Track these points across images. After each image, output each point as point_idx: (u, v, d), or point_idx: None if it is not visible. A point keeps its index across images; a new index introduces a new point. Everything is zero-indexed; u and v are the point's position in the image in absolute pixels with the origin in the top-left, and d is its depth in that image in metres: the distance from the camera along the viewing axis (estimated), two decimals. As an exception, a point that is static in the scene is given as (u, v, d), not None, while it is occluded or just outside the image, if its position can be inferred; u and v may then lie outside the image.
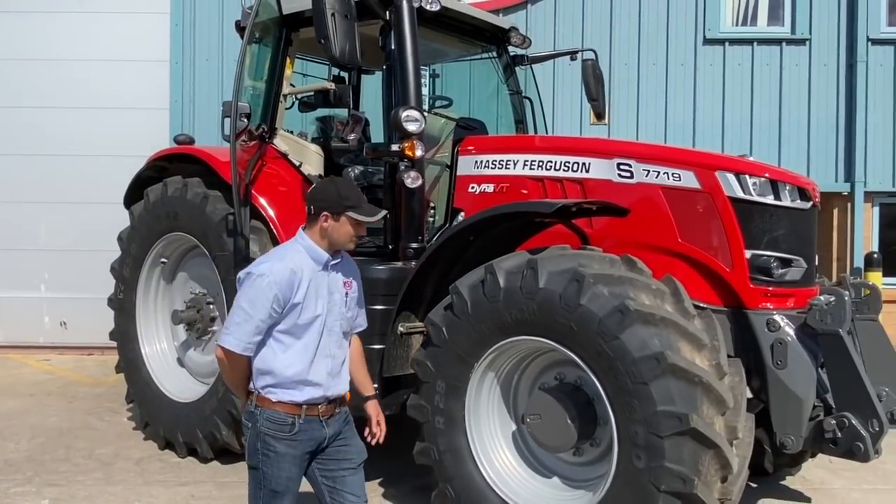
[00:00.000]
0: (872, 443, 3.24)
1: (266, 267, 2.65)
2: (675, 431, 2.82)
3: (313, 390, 2.68)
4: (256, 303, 2.59)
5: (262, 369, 2.67)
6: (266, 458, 2.65)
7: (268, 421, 2.65)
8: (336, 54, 3.78)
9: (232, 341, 2.63)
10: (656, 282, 3.21)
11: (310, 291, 2.67)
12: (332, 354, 2.75)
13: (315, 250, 2.74)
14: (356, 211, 2.73)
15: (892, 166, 9.15)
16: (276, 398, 2.65)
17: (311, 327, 2.67)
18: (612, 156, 3.96)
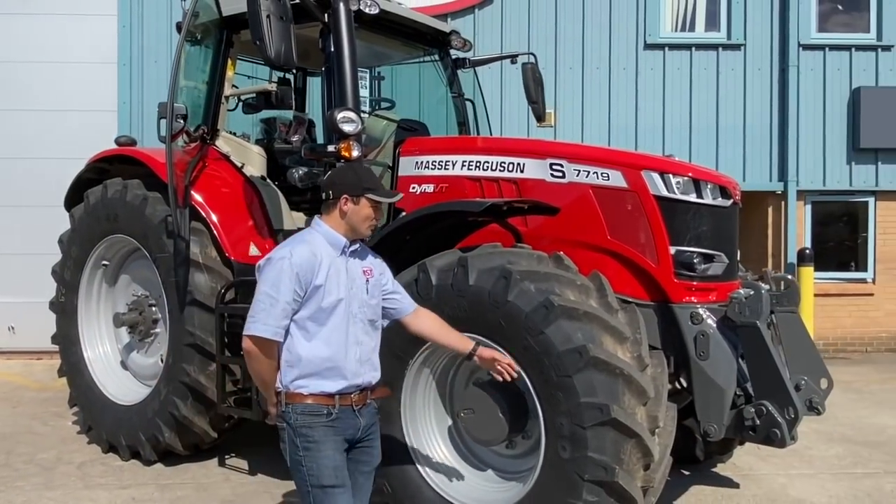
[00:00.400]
0: (788, 429, 3.42)
1: (286, 251, 2.62)
2: (597, 422, 2.94)
3: (344, 379, 2.62)
4: (280, 285, 2.53)
5: (290, 360, 2.60)
6: (307, 452, 2.57)
7: (301, 414, 2.58)
8: (272, 56, 3.81)
9: (261, 327, 2.54)
10: (582, 278, 3.33)
11: (331, 274, 2.62)
12: (360, 342, 2.69)
13: (333, 235, 2.71)
14: (375, 193, 2.72)
15: (822, 166, 9.55)
16: (308, 391, 2.58)
17: (335, 312, 2.61)
18: (545, 156, 4.09)
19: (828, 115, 9.53)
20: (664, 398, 3.18)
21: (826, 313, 9.61)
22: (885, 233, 9.68)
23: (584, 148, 4.21)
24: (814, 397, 3.90)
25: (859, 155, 9.53)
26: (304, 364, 2.58)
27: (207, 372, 4.59)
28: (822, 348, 9.49)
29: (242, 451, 5.21)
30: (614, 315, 3.20)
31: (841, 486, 4.60)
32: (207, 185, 4.82)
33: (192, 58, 5.27)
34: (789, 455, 5.24)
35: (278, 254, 2.62)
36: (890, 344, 9.69)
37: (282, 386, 2.63)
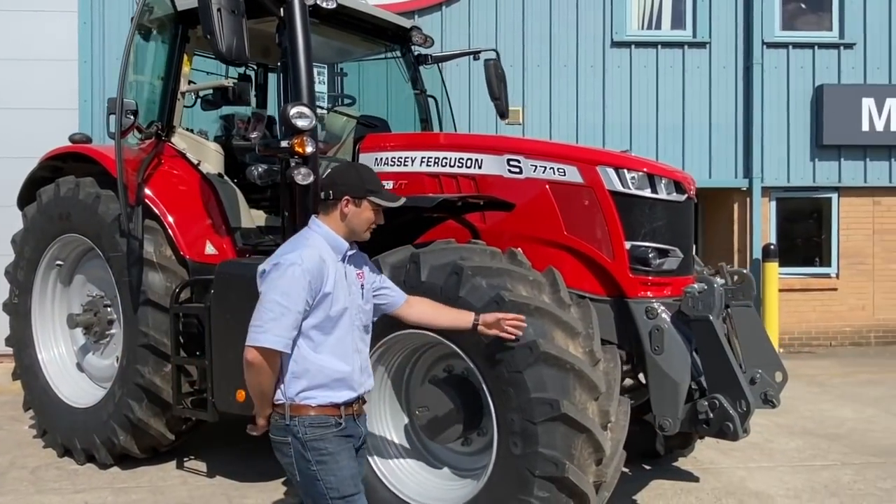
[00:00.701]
0: (741, 422, 3.44)
1: (296, 255, 2.44)
2: (547, 417, 2.93)
3: (351, 389, 2.53)
4: (292, 293, 2.38)
5: (297, 371, 2.45)
6: (322, 465, 2.44)
7: (310, 427, 2.44)
8: (223, 50, 3.75)
9: (272, 338, 2.37)
10: (535, 273, 3.32)
11: (337, 280, 2.50)
12: (359, 349, 2.61)
13: (334, 238, 2.58)
14: (378, 196, 2.59)
15: (786, 163, 9.67)
16: (316, 402, 2.46)
17: (340, 320, 2.50)
18: (503, 152, 4.07)
19: (791, 113, 9.66)
20: (616, 393, 3.17)
21: (791, 308, 9.74)
22: (848, 228, 9.82)
23: (541, 143, 4.20)
24: (769, 390, 3.93)
25: (822, 152, 9.66)
26: (313, 375, 2.46)
27: (162, 373, 4.51)
28: (787, 343, 9.64)
29: (201, 452, 5.12)
30: (566, 310, 3.18)
31: (799, 479, 4.64)
32: (162, 183, 4.74)
33: (148, 53, 5.19)
34: (750, 448, 5.29)
35: (287, 259, 2.44)
36: (853, 338, 9.85)
37: (284, 398, 2.48)
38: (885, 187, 9.77)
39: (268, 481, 4.59)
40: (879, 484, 4.53)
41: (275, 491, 4.46)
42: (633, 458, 4.83)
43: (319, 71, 4.83)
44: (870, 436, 5.57)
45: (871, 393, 7.00)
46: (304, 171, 3.95)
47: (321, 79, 4.86)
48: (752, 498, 4.33)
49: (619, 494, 4.34)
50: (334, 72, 6.37)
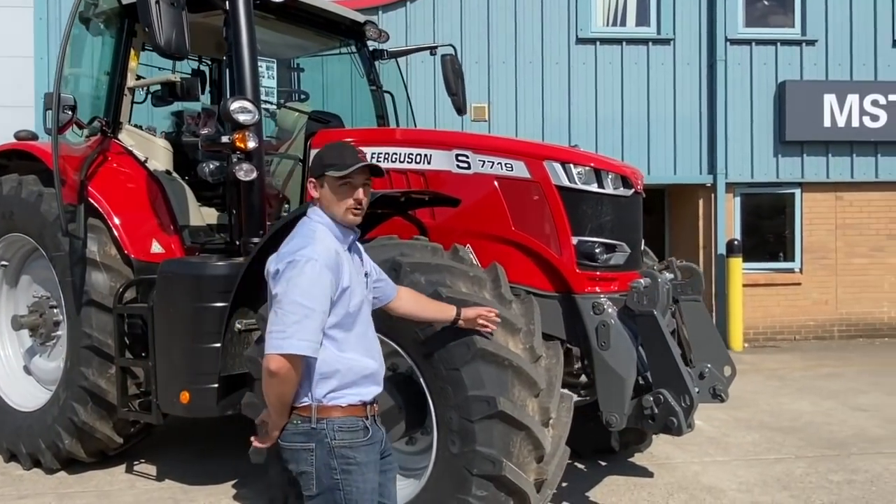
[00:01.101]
0: (685, 417, 3.42)
1: (310, 250, 2.24)
2: (484, 415, 2.88)
3: (377, 385, 2.39)
4: (314, 293, 2.20)
5: (326, 373, 2.28)
6: (347, 475, 2.27)
7: (340, 431, 2.27)
8: (161, 43, 3.68)
9: (299, 344, 2.17)
10: (477, 269, 3.27)
11: (351, 273, 2.34)
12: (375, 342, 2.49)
13: (335, 228, 2.38)
14: (334, 168, 2.33)
15: (750, 159, 9.74)
16: (346, 402, 2.29)
17: (359, 314, 2.36)
18: (451, 147, 4.03)
19: (755, 109, 9.73)
20: (557, 389, 3.14)
21: (756, 303, 9.82)
22: (811, 223, 9.92)
23: (489, 138, 4.17)
24: (717, 385, 3.93)
25: (785, 147, 9.74)
26: (343, 375, 2.30)
27: (107, 375, 4.40)
28: (752, 337, 9.71)
29: (152, 456, 5.02)
30: (507, 306, 3.14)
31: (752, 472, 4.65)
32: (107, 181, 4.63)
33: (94, 48, 5.08)
34: (706, 443, 5.31)
35: (303, 255, 2.23)
36: (817, 332, 9.95)
37: (311, 399, 2.29)
38: (846, 182, 9.87)
39: (218, 484, 4.51)
40: (830, 476, 4.56)
41: (224, 494, 4.38)
42: (588, 454, 4.86)
43: (269, 66, 4.73)
44: (825, 429, 5.61)
45: (831, 386, 7.06)
46: (247, 167, 3.88)
47: (271, 73, 4.77)
48: (704, 492, 4.33)
49: (573, 491, 4.35)
50: (291, 67, 6.30)
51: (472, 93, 9.36)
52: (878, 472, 4.61)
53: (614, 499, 4.24)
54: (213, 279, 3.93)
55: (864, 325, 9.99)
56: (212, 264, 3.99)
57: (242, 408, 3.61)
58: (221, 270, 3.94)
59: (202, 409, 4.01)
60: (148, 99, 5.30)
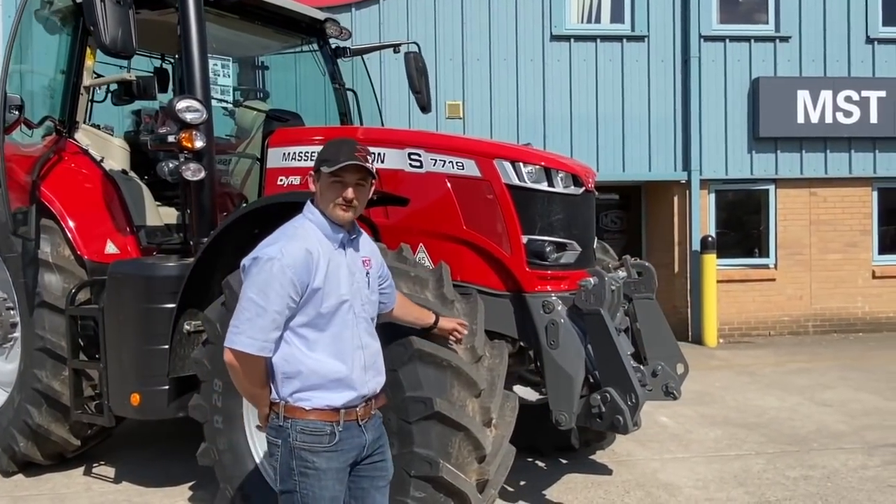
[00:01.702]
0: (631, 415, 3.42)
1: (275, 249, 2.24)
2: (421, 416, 2.87)
3: (350, 390, 2.31)
4: (269, 292, 2.19)
5: (289, 372, 2.26)
6: (304, 479, 2.25)
7: (302, 433, 2.26)
8: (106, 42, 3.63)
9: (244, 341, 2.20)
10: (419, 269, 3.25)
11: (330, 273, 2.28)
12: (364, 345, 2.37)
13: (326, 225, 2.34)
14: (326, 164, 2.30)
15: (724, 155, 9.76)
16: (311, 405, 2.26)
17: (336, 315, 2.29)
18: (404, 146, 4.00)
19: (729, 105, 9.74)
20: (499, 389, 3.12)
21: (731, 299, 9.86)
22: (785, 219, 9.95)
23: (440, 137, 4.14)
24: (670, 382, 3.93)
25: (759, 144, 9.76)
26: (305, 377, 2.27)
27: (61, 377, 4.36)
28: (727, 333, 9.75)
29: (112, 458, 4.99)
30: (449, 306, 3.12)
31: (711, 469, 4.66)
32: (60, 181, 4.58)
33: (50, 46, 5.03)
34: (669, 440, 5.32)
35: (266, 252, 2.25)
36: (792, 327, 9.99)
37: (279, 397, 2.30)
38: (820, 178, 9.90)
39: (175, 486, 4.49)
40: (788, 472, 4.57)
41: (179, 496, 4.36)
42: (549, 452, 4.86)
43: (224, 64, 4.69)
44: (788, 424, 5.63)
45: (800, 381, 7.10)
46: (194, 166, 3.85)
47: (227, 72, 4.72)
48: (660, 489, 4.33)
49: (529, 489, 4.35)
50: (256, 65, 6.27)
51: (447, 90, 9.41)
52: (836, 468, 4.63)
53: (570, 497, 4.24)
54: (162, 280, 3.90)
55: (839, 321, 10.04)
56: (160, 265, 3.96)
57: (189, 410, 3.59)
58: (170, 271, 3.91)
59: (153, 412, 3.98)
60: (108, 98, 5.26)
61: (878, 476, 4.49)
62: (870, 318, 10.04)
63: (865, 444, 5.09)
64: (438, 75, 9.35)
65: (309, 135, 4.60)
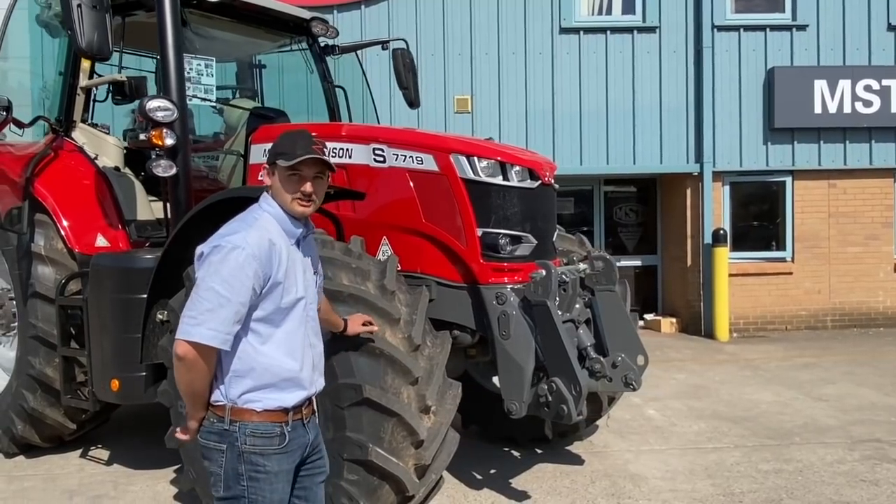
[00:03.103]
0: (575, 405, 3.47)
1: (240, 237, 2.13)
2: (352, 402, 2.98)
3: (302, 389, 2.25)
4: (233, 282, 2.07)
5: (241, 370, 2.16)
6: (254, 483, 2.16)
7: (252, 437, 2.16)
8: (83, 46, 3.81)
9: (206, 333, 2.07)
10: (363, 262, 3.34)
11: (289, 267, 2.20)
12: (313, 344, 2.33)
13: (285, 219, 2.26)
14: (283, 158, 2.21)
15: (739, 147, 9.61)
16: (262, 406, 2.17)
17: (292, 312, 2.22)
18: (369, 141, 4.11)
19: (744, 96, 9.58)
20: (438, 377, 3.21)
21: (746, 293, 9.72)
22: (802, 212, 9.76)
23: (402, 132, 4.23)
24: (629, 373, 3.94)
25: (775, 135, 9.58)
26: (259, 375, 2.17)
27: (54, 364, 4.60)
28: (741, 327, 9.62)
29: (110, 441, 5.24)
30: (389, 297, 3.22)
31: (683, 461, 4.67)
32: (55, 178, 4.81)
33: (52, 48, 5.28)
34: (650, 432, 5.33)
35: (230, 241, 2.13)
36: (810, 322, 9.80)
37: (226, 399, 2.18)
38: (839, 170, 9.68)
39: (160, 469, 4.69)
40: (761, 466, 4.55)
41: (162, 478, 4.56)
42: (524, 443, 4.93)
43: (207, 64, 4.85)
44: (776, 419, 5.57)
45: (802, 376, 6.99)
46: (165, 163, 4.02)
47: (210, 71, 4.88)
48: (627, 480, 4.36)
49: (497, 477, 4.43)
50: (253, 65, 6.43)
51: (455, 85, 9.48)
52: (811, 463, 4.59)
53: (535, 485, 4.31)
54: (139, 271, 4.08)
55: (859, 315, 9.81)
56: (136, 257, 4.16)
57: (158, 395, 3.76)
58: (145, 263, 4.09)
59: (131, 397, 4.19)
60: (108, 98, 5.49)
61: (852, 470, 4.44)
62: (891, 312, 9.79)
63: (849, 439, 5.02)
64: (447, 70, 9.44)
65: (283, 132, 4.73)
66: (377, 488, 3.02)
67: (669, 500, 4.07)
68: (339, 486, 3.03)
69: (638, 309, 10.34)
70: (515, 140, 9.41)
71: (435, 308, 3.91)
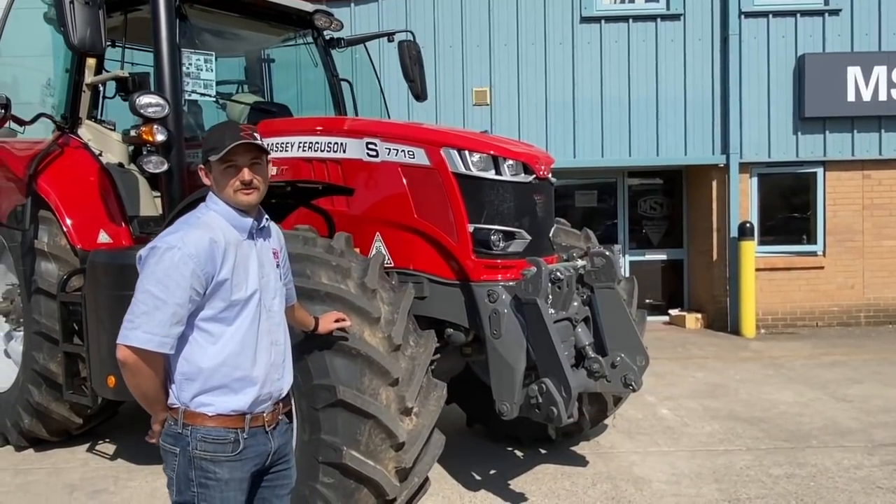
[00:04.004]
0: (565, 407, 3.35)
1: (176, 238, 2.09)
2: (327, 403, 2.91)
3: (256, 389, 2.16)
4: (169, 283, 2.03)
5: (189, 373, 2.11)
6: (204, 490, 2.11)
7: (203, 442, 2.10)
8: (75, 42, 3.80)
9: (141, 336, 2.02)
10: (342, 260, 3.26)
11: (238, 264, 2.15)
12: (274, 341, 2.24)
13: (232, 214, 2.20)
14: (213, 153, 2.16)
15: (767, 137, 9.29)
16: (214, 410, 2.11)
17: (245, 309, 2.15)
18: (363, 136, 4.04)
19: (772, 85, 9.27)
20: (419, 378, 3.12)
21: (775, 288, 9.42)
22: (835, 204, 9.42)
23: (394, 126, 4.13)
24: (629, 374, 3.81)
25: (806, 124, 9.25)
26: (208, 376, 2.11)
27: (57, 359, 4.64)
28: (769, 324, 9.34)
29: (117, 435, 5.28)
30: (369, 295, 3.14)
31: (691, 464, 4.51)
32: (58, 174, 4.84)
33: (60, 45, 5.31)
34: (661, 432, 5.18)
35: (165, 241, 2.09)
36: (841, 318, 9.46)
37: (178, 402, 2.14)
38: (874, 160, 9.31)
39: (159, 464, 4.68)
40: (772, 470, 4.37)
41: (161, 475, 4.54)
42: (528, 442, 4.82)
43: (207, 59, 4.82)
44: (795, 420, 5.36)
45: (827, 375, 6.73)
46: (156, 159, 4.00)
47: (209, 66, 4.86)
48: (629, 483, 4.23)
49: (497, 478, 4.35)
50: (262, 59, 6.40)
51: (473, 77, 9.36)
52: (826, 467, 4.39)
53: (533, 487, 4.20)
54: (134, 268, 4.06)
55: (895, 311, 9.43)
56: (130, 254, 4.12)
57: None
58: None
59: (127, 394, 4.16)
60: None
61: (869, 476, 4.23)
62: (929, 308, 9.40)
63: (870, 443, 4.80)
64: (465, 62, 9.32)
65: (288, 126, 4.68)
66: (354, 492, 2.95)
67: (671, 505, 3.93)
68: (316, 490, 2.97)
69: (662, 303, 10.13)
70: (535, 132, 9.26)
71: (427, 306, 3.84)
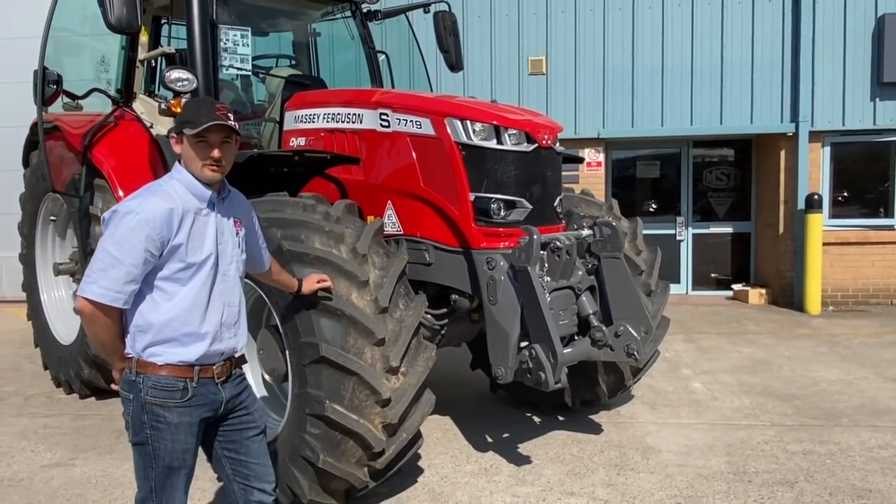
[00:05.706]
0: (552, 372, 3.41)
1: (135, 203, 2.26)
2: (311, 359, 3.09)
3: (204, 344, 2.34)
4: (124, 244, 2.21)
5: (141, 325, 2.29)
6: (156, 432, 2.31)
7: (153, 388, 2.29)
8: (112, 21, 4.08)
9: (95, 290, 2.22)
10: (337, 226, 3.40)
11: (194, 231, 2.31)
12: (228, 302, 2.41)
13: (195, 185, 2.36)
14: (188, 126, 2.31)
15: (841, 104, 8.80)
16: (163, 360, 2.29)
17: (199, 271, 2.33)
18: (376, 106, 4.17)
19: (848, 48, 8.74)
20: (406, 339, 3.24)
21: (846, 263, 8.98)
22: (915, 175, 8.84)
23: (404, 97, 4.21)
24: (631, 343, 3.82)
25: (884, 90, 8.69)
26: (158, 329, 2.29)
27: (107, 317, 5.06)
28: (839, 300, 8.94)
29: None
30: (359, 260, 3.28)
31: (707, 437, 4.46)
32: (111, 145, 5.20)
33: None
34: (687, 405, 5.14)
35: (125, 206, 2.27)
36: (920, 296, 8.93)
37: (133, 352, 2.33)
38: (961, 127, 8.66)
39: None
40: (790, 446, 4.27)
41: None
42: (547, 409, 4.90)
43: (244, 34, 5.04)
44: (832, 398, 5.18)
45: (884, 355, 6.42)
46: (182, 132, 4.25)
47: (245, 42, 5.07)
48: (636, 452, 4.24)
49: (506, 441, 4.46)
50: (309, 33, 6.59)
51: (529, 45, 9.28)
52: (849, 446, 4.26)
53: (541, 451, 4.28)
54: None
55: (980, 290, 8.82)
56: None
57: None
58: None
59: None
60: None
61: (892, 457, 4.08)
62: None
63: (906, 425, 4.60)
64: (521, 31, 9.24)
65: (317, 98, 4.86)
66: (340, 443, 3.13)
67: (673, 474, 3.93)
68: (303, 439, 3.17)
69: (728, 278, 9.84)
70: (591, 101, 9.12)
71: (432, 272, 3.96)
